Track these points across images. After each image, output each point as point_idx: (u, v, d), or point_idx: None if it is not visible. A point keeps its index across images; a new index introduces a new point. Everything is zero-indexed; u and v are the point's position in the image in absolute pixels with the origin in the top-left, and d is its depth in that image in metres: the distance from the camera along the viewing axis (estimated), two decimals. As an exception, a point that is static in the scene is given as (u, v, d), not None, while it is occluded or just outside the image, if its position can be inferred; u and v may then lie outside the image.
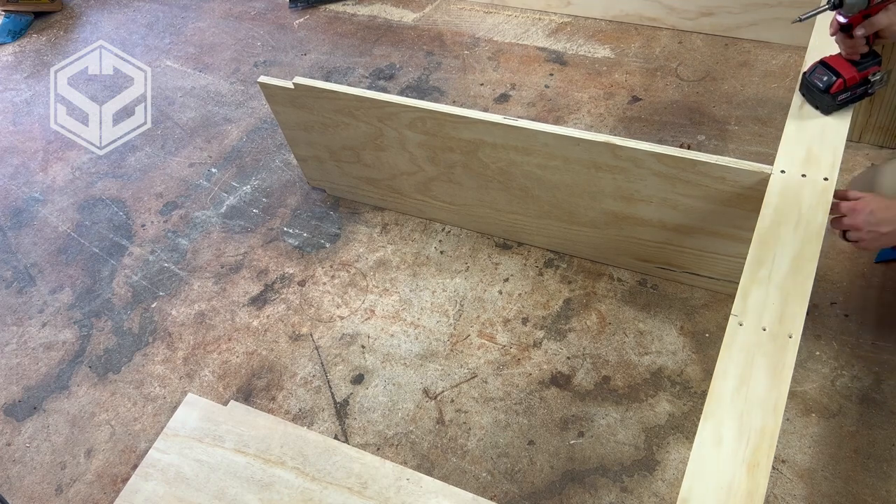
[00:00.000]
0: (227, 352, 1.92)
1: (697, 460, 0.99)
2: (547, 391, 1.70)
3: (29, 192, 2.53)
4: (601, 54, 2.62)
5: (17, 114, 2.90)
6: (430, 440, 1.66)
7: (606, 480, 1.54)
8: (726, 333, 1.13)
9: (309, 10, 3.19)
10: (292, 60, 2.91)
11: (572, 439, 1.62)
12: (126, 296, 2.12)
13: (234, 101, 2.77)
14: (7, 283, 2.22)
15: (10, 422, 1.87)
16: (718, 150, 2.16)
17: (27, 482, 1.73)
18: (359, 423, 1.72)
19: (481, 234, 2.07)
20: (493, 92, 2.55)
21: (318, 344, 1.90)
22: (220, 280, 2.11)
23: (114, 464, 1.74)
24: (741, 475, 0.96)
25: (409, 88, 2.64)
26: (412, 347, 1.85)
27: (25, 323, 2.10)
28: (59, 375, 1.95)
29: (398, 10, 3.09)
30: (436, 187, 1.99)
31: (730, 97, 2.34)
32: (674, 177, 1.54)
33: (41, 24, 3.38)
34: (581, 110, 2.41)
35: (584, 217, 1.80)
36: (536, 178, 1.75)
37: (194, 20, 3.27)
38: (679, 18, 2.62)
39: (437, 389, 1.75)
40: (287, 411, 1.77)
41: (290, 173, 2.40)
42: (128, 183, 2.50)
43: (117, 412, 1.84)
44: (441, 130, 1.77)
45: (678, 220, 1.65)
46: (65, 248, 2.30)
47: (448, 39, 2.85)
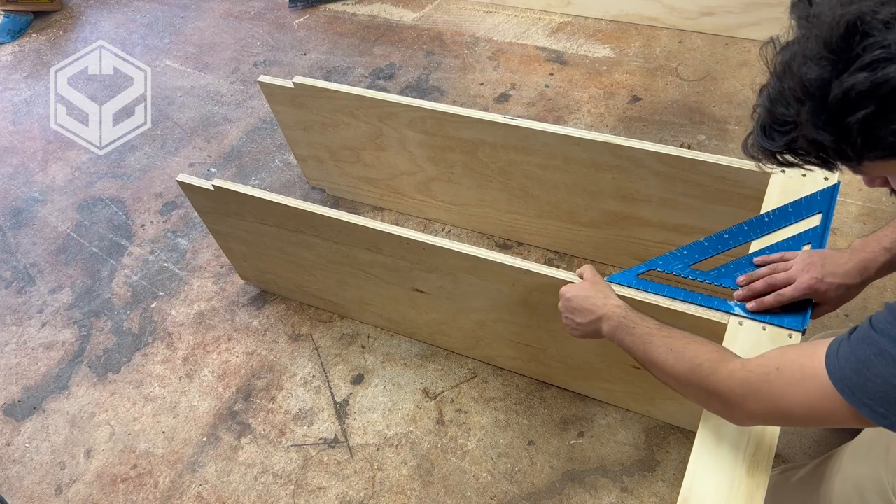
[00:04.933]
0: (227, 352, 1.92)
1: (697, 460, 0.98)
2: (547, 391, 1.70)
3: (28, 192, 2.53)
4: (601, 54, 2.62)
5: (17, 114, 2.90)
6: (430, 440, 1.66)
7: (606, 480, 1.54)
8: (726, 333, 1.13)
9: (309, 9, 3.19)
10: (292, 60, 2.90)
11: (572, 439, 1.62)
12: (126, 296, 2.12)
13: (234, 100, 2.77)
14: (7, 283, 2.22)
15: (9, 422, 1.87)
16: (719, 150, 2.15)
17: (27, 482, 1.73)
18: (359, 423, 1.72)
19: (481, 234, 2.07)
20: (493, 91, 2.54)
21: (317, 344, 1.90)
22: (220, 280, 2.11)
23: (113, 464, 1.74)
24: (741, 475, 0.95)
25: (408, 88, 2.64)
26: (412, 347, 1.84)
27: (25, 323, 2.10)
28: (58, 375, 1.95)
29: (398, 9, 3.08)
30: (436, 187, 1.99)
31: (730, 97, 2.34)
32: (674, 176, 1.54)
33: (41, 24, 3.38)
34: (581, 110, 2.40)
35: (584, 217, 1.80)
36: (536, 177, 1.75)
37: (194, 20, 3.27)
38: (679, 18, 2.62)
39: (437, 389, 1.75)
40: (287, 411, 1.77)
41: (289, 173, 2.40)
42: (127, 183, 2.50)
43: (117, 412, 1.84)
44: (441, 130, 1.77)
45: (678, 220, 1.65)
46: (64, 248, 2.30)
47: (448, 39, 2.85)
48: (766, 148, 0.72)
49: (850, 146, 0.64)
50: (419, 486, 1.59)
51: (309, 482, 1.63)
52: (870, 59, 0.59)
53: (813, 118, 0.65)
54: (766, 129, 0.71)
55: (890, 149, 0.63)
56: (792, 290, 1.10)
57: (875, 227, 1.12)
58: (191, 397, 1.84)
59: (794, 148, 0.70)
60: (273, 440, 1.72)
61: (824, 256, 1.10)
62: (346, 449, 1.68)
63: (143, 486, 1.68)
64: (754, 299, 1.14)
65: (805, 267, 1.10)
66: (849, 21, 0.60)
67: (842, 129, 0.63)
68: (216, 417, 1.78)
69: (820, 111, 0.64)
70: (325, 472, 1.64)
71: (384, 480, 1.61)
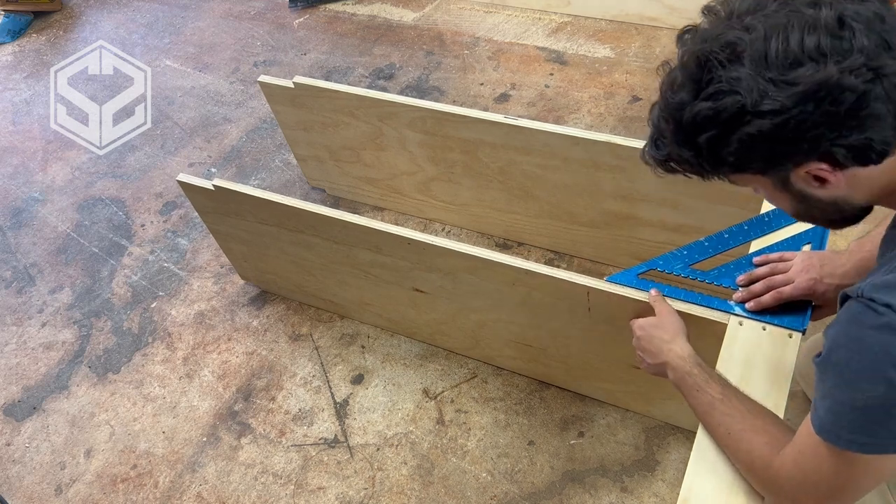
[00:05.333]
0: (227, 352, 1.92)
1: (697, 460, 0.98)
2: (547, 391, 1.70)
3: (28, 192, 2.53)
4: (601, 54, 2.62)
5: (17, 114, 2.90)
6: (430, 440, 1.66)
7: (606, 480, 1.54)
8: (726, 333, 1.13)
9: (309, 9, 3.18)
10: (292, 60, 2.90)
11: (572, 439, 1.62)
12: (126, 296, 2.12)
13: (234, 100, 2.77)
14: (7, 283, 2.22)
15: (9, 422, 1.87)
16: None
17: (27, 482, 1.73)
18: (359, 423, 1.72)
19: (481, 234, 2.07)
20: (493, 91, 2.54)
21: (317, 344, 1.90)
22: (220, 280, 2.10)
23: (113, 464, 1.74)
24: (741, 475, 0.95)
25: (408, 88, 2.64)
26: (412, 347, 1.84)
27: (25, 323, 2.10)
28: (58, 375, 1.95)
29: (398, 9, 3.08)
30: (436, 187, 1.99)
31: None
32: (674, 176, 1.54)
33: (41, 24, 3.38)
34: (581, 110, 2.40)
35: (584, 217, 1.80)
36: (536, 177, 1.75)
37: (194, 20, 3.27)
38: (679, 18, 2.62)
39: (437, 389, 1.75)
40: (287, 411, 1.77)
41: (289, 173, 2.40)
42: (127, 183, 2.50)
43: (117, 412, 1.84)
44: (441, 130, 1.77)
45: (678, 220, 1.65)
46: (64, 248, 2.30)
47: (448, 39, 2.85)
48: (655, 157, 0.82)
49: (704, 161, 0.74)
50: (419, 486, 1.59)
51: (309, 482, 1.63)
52: (713, 90, 0.68)
53: (675, 136, 0.75)
54: (654, 141, 0.81)
55: (733, 166, 0.73)
56: (791, 289, 1.10)
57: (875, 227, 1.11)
58: (191, 397, 1.84)
59: (672, 158, 0.79)
60: (273, 440, 1.72)
61: (823, 258, 1.10)
62: (346, 449, 1.68)
63: (143, 486, 1.68)
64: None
65: (804, 268, 1.10)
66: (698, 57, 0.70)
67: (695, 147, 0.73)
68: (216, 417, 1.78)
69: (678, 130, 0.74)
70: (325, 472, 1.64)
71: (384, 480, 1.61)
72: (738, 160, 0.72)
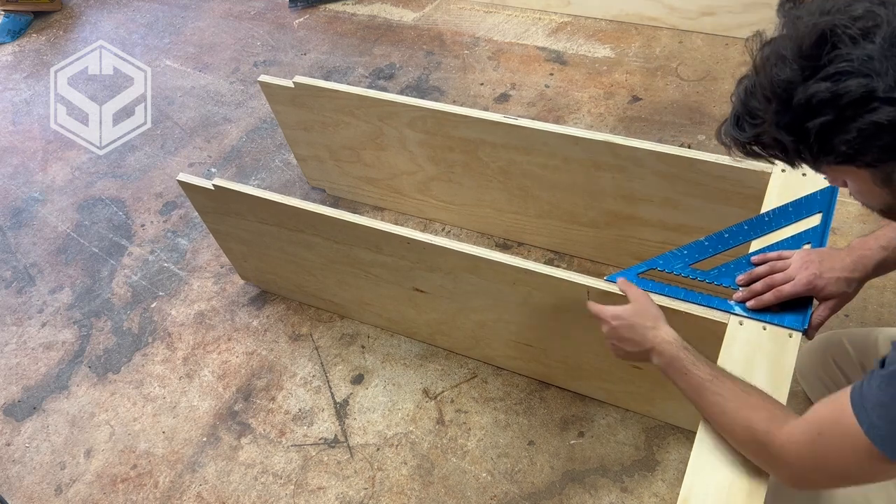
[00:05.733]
0: (227, 352, 1.92)
1: (697, 460, 0.98)
2: (547, 391, 1.70)
3: (28, 192, 2.53)
4: (601, 54, 2.62)
5: (17, 114, 2.90)
6: (430, 440, 1.66)
7: (606, 480, 1.54)
8: (726, 333, 1.13)
9: (309, 9, 3.18)
10: (292, 60, 2.90)
11: (572, 439, 1.62)
12: (126, 296, 2.12)
13: (234, 100, 2.77)
14: (7, 283, 2.22)
15: (9, 422, 1.87)
16: (719, 150, 2.15)
17: (27, 482, 1.73)
18: (359, 423, 1.72)
19: (481, 234, 2.07)
20: (493, 91, 2.54)
21: (317, 344, 1.90)
22: (220, 280, 2.10)
23: (113, 464, 1.74)
24: (741, 475, 0.95)
25: (408, 88, 2.64)
26: (412, 347, 1.84)
27: (25, 323, 2.10)
28: (58, 375, 1.95)
29: (398, 9, 3.08)
30: (436, 187, 1.98)
31: (730, 97, 2.33)
32: (674, 176, 1.54)
33: (41, 24, 3.38)
34: (581, 110, 2.40)
35: (584, 217, 1.80)
36: (536, 177, 1.75)
37: (194, 20, 3.27)
38: (679, 18, 2.62)
39: (437, 389, 1.75)
40: (287, 411, 1.77)
41: (289, 173, 2.40)
42: (127, 183, 2.50)
43: (117, 412, 1.84)
44: (441, 130, 1.77)
45: (678, 220, 1.65)
46: (64, 248, 2.30)
47: (448, 39, 2.85)
48: (736, 138, 0.75)
49: (807, 149, 0.67)
50: (419, 486, 1.59)
51: (309, 482, 1.63)
52: (834, 71, 0.61)
53: (776, 117, 0.67)
54: (738, 120, 0.74)
55: (842, 156, 0.65)
56: (791, 286, 1.10)
57: (875, 227, 1.11)
58: (191, 397, 1.84)
59: (761, 141, 0.72)
60: (273, 440, 1.72)
61: (822, 254, 1.10)
62: (346, 449, 1.68)
63: (143, 486, 1.68)
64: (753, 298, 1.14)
65: (803, 264, 1.10)
66: (821, 31, 0.62)
67: (801, 133, 0.66)
68: (216, 417, 1.78)
69: (784, 112, 0.66)
70: (325, 472, 1.64)
71: (384, 480, 1.61)
72: (852, 150, 0.64)
